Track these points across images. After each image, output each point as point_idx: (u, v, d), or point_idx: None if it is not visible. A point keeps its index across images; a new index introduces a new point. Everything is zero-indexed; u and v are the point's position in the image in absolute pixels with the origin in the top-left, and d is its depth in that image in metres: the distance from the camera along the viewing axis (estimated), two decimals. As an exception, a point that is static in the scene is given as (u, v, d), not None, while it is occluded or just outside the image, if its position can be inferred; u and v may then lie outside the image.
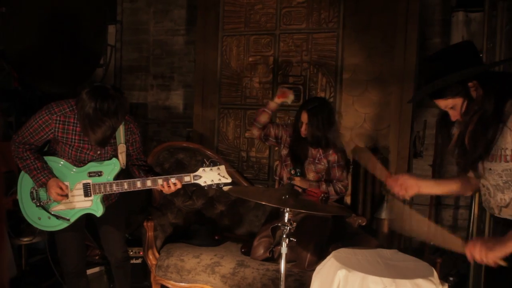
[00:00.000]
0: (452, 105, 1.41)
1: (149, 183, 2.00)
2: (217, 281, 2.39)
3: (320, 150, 2.59)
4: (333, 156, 2.58)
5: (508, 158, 1.33)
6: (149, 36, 4.05)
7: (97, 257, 3.09)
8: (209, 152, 3.02)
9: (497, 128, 1.34)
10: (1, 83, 2.94)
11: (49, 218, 2.04)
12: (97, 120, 1.78)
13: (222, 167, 2.00)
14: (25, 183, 2.06)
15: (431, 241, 1.61)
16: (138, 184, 2.00)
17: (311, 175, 2.60)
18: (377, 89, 2.99)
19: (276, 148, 2.85)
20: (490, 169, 1.40)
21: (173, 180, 1.99)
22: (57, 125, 1.91)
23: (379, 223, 2.90)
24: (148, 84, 4.04)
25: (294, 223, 1.81)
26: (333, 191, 2.55)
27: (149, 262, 2.63)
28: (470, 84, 1.37)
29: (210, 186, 1.99)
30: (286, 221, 1.78)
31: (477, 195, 2.80)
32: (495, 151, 1.36)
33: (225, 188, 1.96)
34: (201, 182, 1.99)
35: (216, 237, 2.75)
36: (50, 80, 3.16)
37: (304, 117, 2.50)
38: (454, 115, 1.43)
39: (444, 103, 1.43)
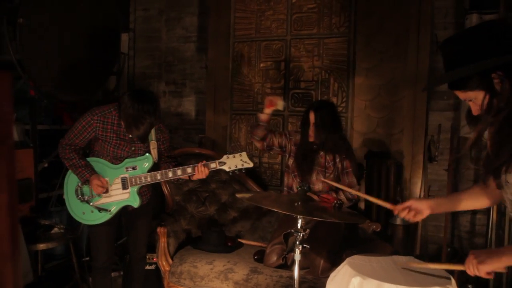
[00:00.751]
0: (472, 98, 1.23)
1: (179, 172, 2.21)
2: (230, 287, 2.39)
3: (328, 158, 2.53)
4: (342, 163, 2.52)
5: None
6: (161, 43, 4.09)
7: (111, 263, 3.11)
8: (221, 158, 3.02)
9: None
10: (18, 92, 3.00)
11: (92, 212, 2.25)
12: (140, 118, 2.03)
13: (244, 154, 2.19)
14: (70, 182, 2.30)
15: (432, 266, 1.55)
16: (170, 174, 2.21)
17: (320, 186, 2.55)
18: (390, 93, 2.97)
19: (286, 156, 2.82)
20: (508, 181, 1.23)
21: (200, 168, 2.17)
22: (98, 124, 2.18)
23: (394, 229, 2.85)
24: (160, 91, 4.08)
25: (308, 230, 1.80)
26: (345, 198, 2.51)
27: (162, 268, 2.64)
28: (493, 75, 1.16)
29: (233, 171, 2.18)
30: (299, 227, 1.77)
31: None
32: None
33: (238, 194, 1.96)
34: (225, 168, 2.19)
35: (229, 244, 2.75)
36: (65, 89, 3.22)
37: (311, 116, 2.46)
38: (475, 109, 1.24)
39: (463, 95, 1.25)
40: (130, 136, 2.20)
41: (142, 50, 4.17)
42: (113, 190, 2.24)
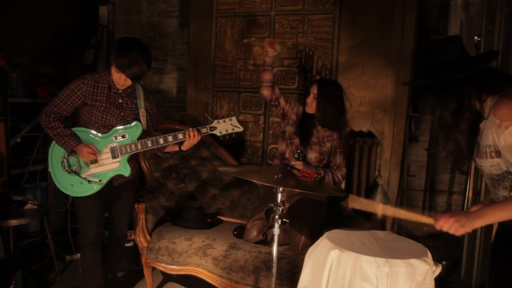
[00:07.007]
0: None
1: (170, 138, 2.17)
2: (209, 263, 2.37)
3: (326, 133, 2.55)
4: (338, 141, 2.55)
5: (493, 154, 1.39)
6: (142, 17, 3.95)
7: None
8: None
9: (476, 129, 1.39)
10: (-13, 62, 2.86)
11: (81, 183, 2.17)
12: (135, 56, 2.00)
13: (233, 118, 2.21)
14: (55, 154, 2.21)
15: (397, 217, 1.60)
16: (161, 141, 2.17)
17: (313, 156, 2.55)
18: (374, 72, 2.95)
19: (281, 124, 2.76)
20: (481, 165, 1.45)
21: (191, 133, 2.14)
22: (88, 88, 2.12)
23: (373, 207, 2.87)
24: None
25: (287, 204, 1.78)
26: (331, 180, 2.50)
27: (140, 244, 2.59)
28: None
29: (224, 136, 2.19)
30: (278, 201, 1.75)
31: (470, 180, 2.78)
32: (482, 148, 1.41)
33: (219, 167, 1.93)
34: (216, 132, 2.20)
35: (208, 220, 2.72)
36: (39, 60, 3.07)
37: (314, 89, 2.49)
38: None
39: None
40: (120, 101, 2.17)
41: (121, 24, 4.02)
42: (102, 160, 2.17)
